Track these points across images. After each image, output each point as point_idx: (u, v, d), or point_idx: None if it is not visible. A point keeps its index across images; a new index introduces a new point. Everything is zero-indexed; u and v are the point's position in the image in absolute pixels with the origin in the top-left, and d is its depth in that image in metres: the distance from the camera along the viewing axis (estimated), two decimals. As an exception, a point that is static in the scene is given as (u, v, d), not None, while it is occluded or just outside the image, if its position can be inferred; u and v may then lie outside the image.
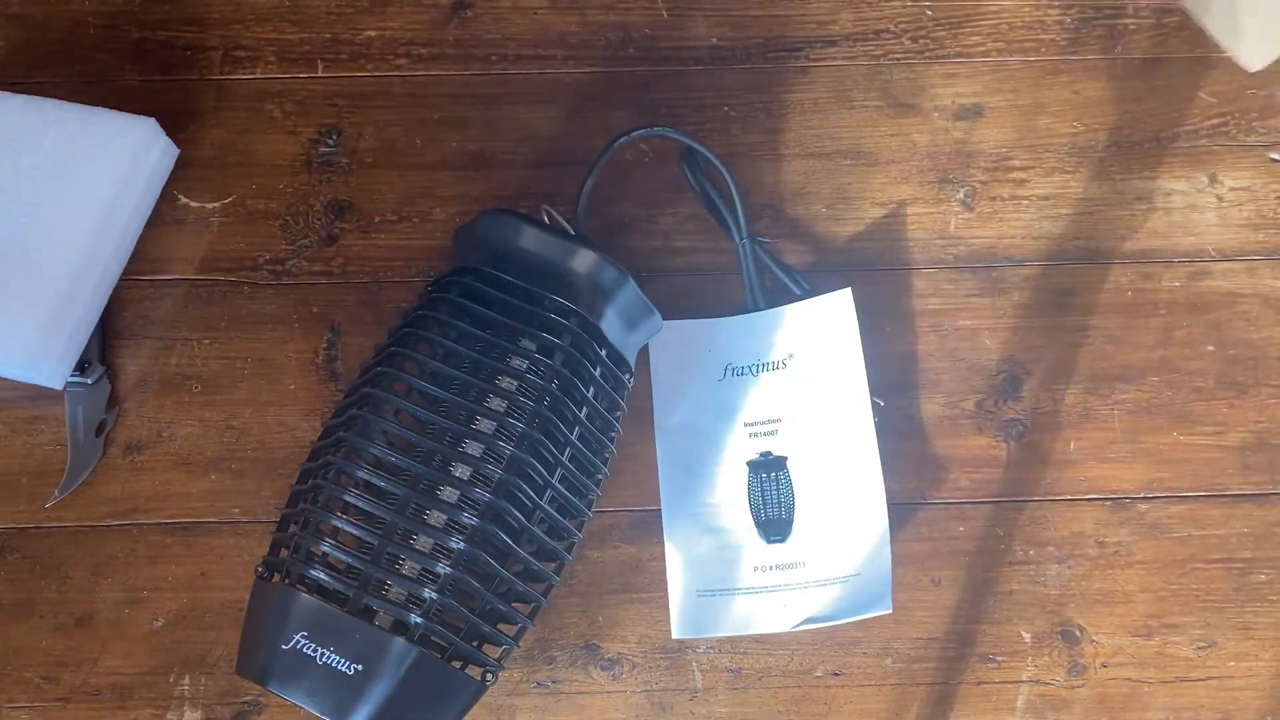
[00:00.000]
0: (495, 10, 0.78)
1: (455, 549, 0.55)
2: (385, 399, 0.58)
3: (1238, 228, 0.74)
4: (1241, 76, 0.77)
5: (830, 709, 0.65)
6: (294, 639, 0.54)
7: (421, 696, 0.55)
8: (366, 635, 0.54)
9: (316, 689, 0.54)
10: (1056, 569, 0.67)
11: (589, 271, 0.62)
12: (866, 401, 0.68)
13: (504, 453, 0.57)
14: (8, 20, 0.77)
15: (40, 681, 0.64)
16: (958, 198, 0.74)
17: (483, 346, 0.60)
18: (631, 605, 0.66)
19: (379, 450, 0.57)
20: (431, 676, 0.55)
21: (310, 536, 0.56)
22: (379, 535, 0.56)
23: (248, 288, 0.72)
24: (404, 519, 0.56)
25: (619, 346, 0.63)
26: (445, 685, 0.56)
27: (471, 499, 0.56)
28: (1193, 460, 0.69)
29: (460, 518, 0.56)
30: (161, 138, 0.72)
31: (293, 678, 0.54)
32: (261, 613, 0.57)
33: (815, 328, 0.70)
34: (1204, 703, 0.65)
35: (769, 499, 0.67)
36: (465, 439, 0.58)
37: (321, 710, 0.54)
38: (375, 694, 0.54)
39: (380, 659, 0.54)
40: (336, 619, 0.54)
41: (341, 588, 0.55)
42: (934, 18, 0.79)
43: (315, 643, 0.54)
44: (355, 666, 0.54)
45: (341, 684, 0.54)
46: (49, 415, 0.69)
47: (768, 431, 0.69)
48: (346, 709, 0.54)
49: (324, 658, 0.54)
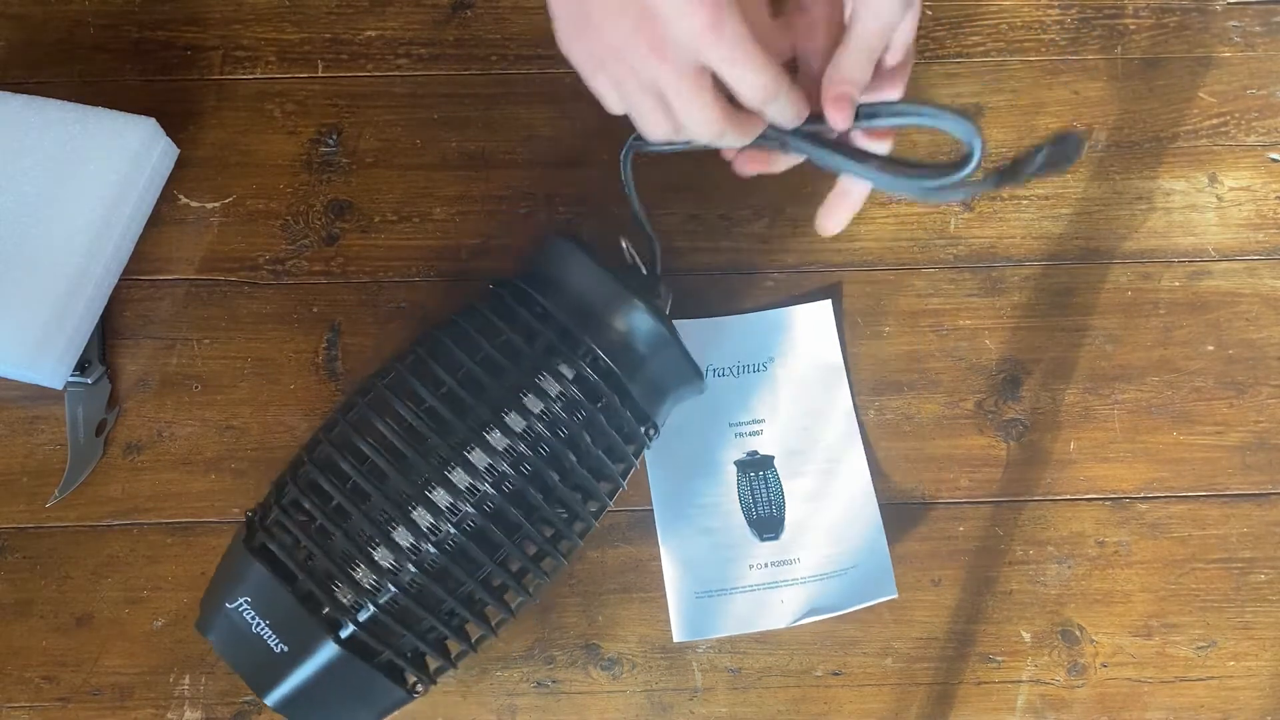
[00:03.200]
0: (495, 10, 0.78)
1: (409, 573, 0.55)
2: (390, 400, 0.58)
3: (1238, 228, 0.74)
4: (1242, 76, 0.77)
5: (830, 709, 0.65)
6: (239, 601, 0.55)
7: (342, 693, 0.56)
8: (302, 621, 0.54)
9: (243, 655, 0.55)
10: (1056, 569, 0.67)
11: (633, 328, 0.59)
12: (849, 402, 0.69)
13: (484, 492, 0.56)
14: (8, 20, 0.78)
15: (40, 681, 0.64)
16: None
17: (501, 374, 0.58)
18: (631, 605, 0.66)
19: (365, 446, 0.57)
20: (355, 677, 0.55)
21: (283, 512, 0.57)
22: (343, 533, 0.56)
23: (248, 287, 0.72)
24: (372, 526, 0.56)
25: (644, 405, 0.60)
26: (368, 688, 0.56)
27: (439, 529, 0.56)
28: (1193, 460, 0.69)
29: (423, 544, 0.56)
30: (161, 138, 0.72)
31: (226, 636, 0.55)
32: (225, 565, 0.58)
33: (794, 335, 0.71)
34: (1204, 703, 0.65)
35: (759, 497, 0.68)
36: (454, 464, 0.57)
37: (244, 676, 0.56)
38: (295, 678, 0.55)
39: (306, 649, 0.54)
40: (280, 597, 0.55)
41: (294, 570, 0.55)
42: (934, 18, 0.79)
43: (255, 612, 0.55)
44: (283, 647, 0.54)
45: (266, 659, 0.55)
46: (49, 415, 0.69)
47: (753, 431, 0.69)
48: (265, 684, 0.55)
49: (258, 627, 0.55)
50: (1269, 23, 0.79)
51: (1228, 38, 0.79)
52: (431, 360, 0.59)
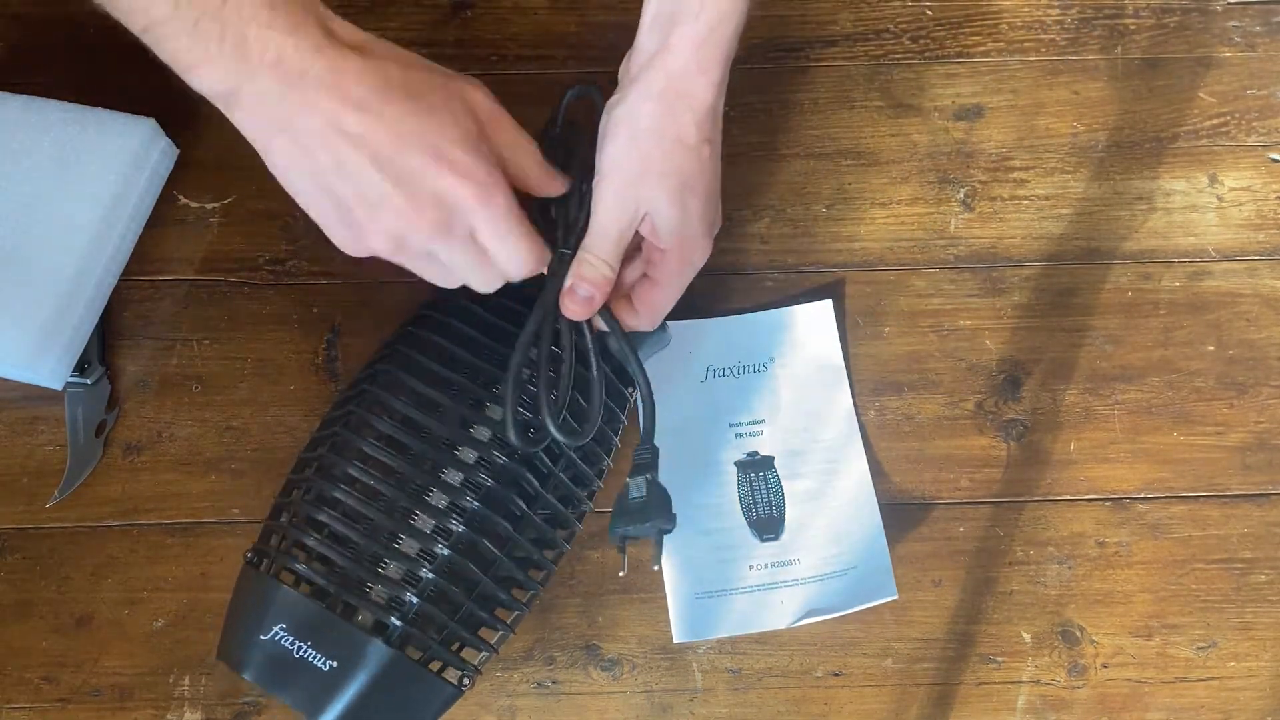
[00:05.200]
0: (495, 10, 0.78)
1: (440, 554, 0.55)
2: (383, 398, 0.58)
3: (1238, 228, 0.74)
4: (1242, 76, 0.77)
5: (830, 709, 0.65)
6: (273, 630, 0.54)
7: (395, 698, 0.55)
8: (344, 633, 0.54)
9: (291, 682, 0.54)
10: (1056, 569, 0.67)
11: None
12: (849, 403, 0.69)
13: (496, 461, 0.57)
14: (8, 20, 0.77)
15: (40, 682, 0.64)
16: (958, 198, 0.74)
17: (488, 354, 0.59)
18: (631, 605, 0.66)
19: (369, 447, 0.57)
20: (406, 679, 0.55)
21: (297, 529, 0.56)
22: (365, 535, 0.55)
23: (248, 288, 0.72)
24: (391, 520, 0.55)
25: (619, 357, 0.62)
26: (420, 688, 0.56)
27: (459, 505, 0.56)
28: (1193, 460, 0.69)
29: (447, 523, 0.56)
30: (161, 138, 0.72)
31: (268, 669, 0.54)
32: (245, 601, 0.57)
33: (794, 335, 0.71)
34: (1204, 703, 0.65)
35: (759, 498, 0.68)
36: (459, 444, 0.57)
37: (294, 703, 0.54)
38: (349, 692, 0.54)
39: (356, 658, 0.54)
40: (316, 614, 0.54)
41: (324, 583, 0.55)
42: (934, 18, 0.79)
43: (294, 636, 0.54)
44: (330, 663, 0.54)
45: (316, 679, 0.54)
46: (49, 415, 0.69)
47: (753, 432, 0.69)
48: (319, 705, 0.54)
49: (301, 651, 0.54)
50: (1269, 23, 0.79)
51: (1228, 38, 0.79)
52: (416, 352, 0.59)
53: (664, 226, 0.56)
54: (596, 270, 0.56)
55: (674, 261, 0.58)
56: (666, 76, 0.54)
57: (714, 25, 0.54)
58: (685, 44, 0.54)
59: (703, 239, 0.58)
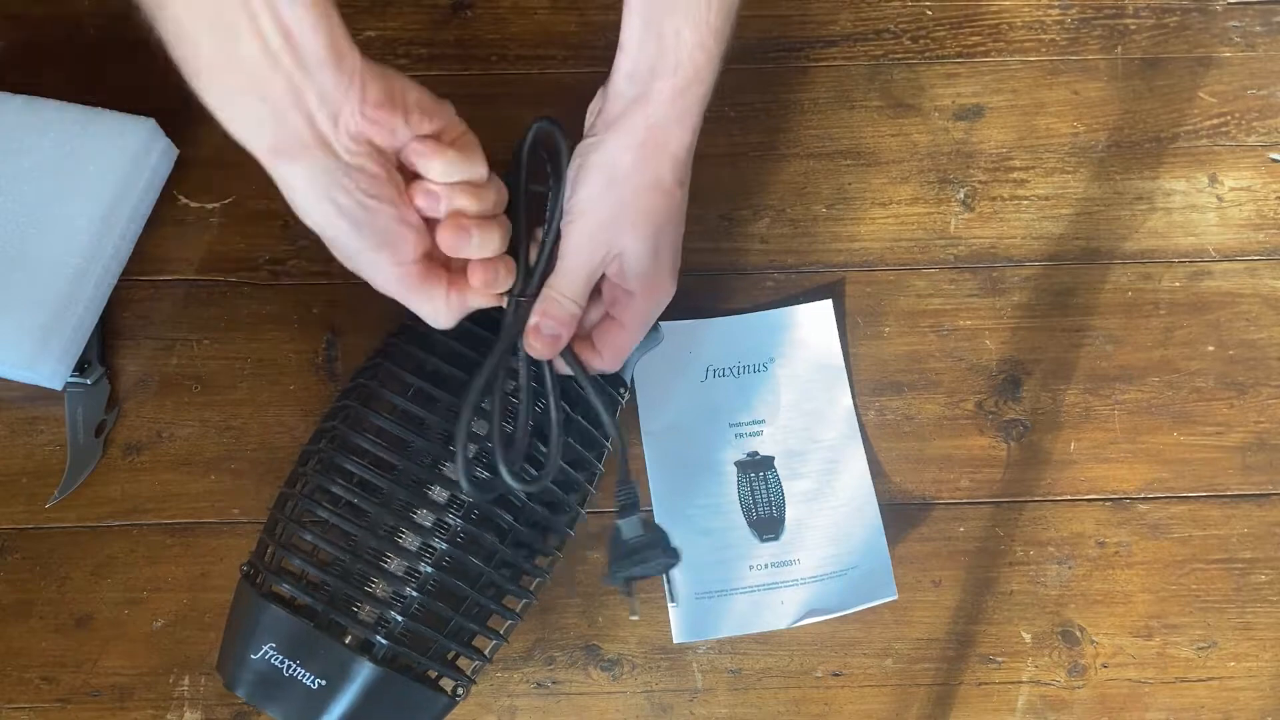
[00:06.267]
0: (495, 10, 0.78)
1: (425, 572, 0.55)
2: (366, 414, 0.58)
3: (1238, 228, 0.74)
4: (1242, 76, 0.77)
5: (830, 709, 0.65)
6: (263, 650, 0.54)
7: (386, 712, 0.55)
8: (332, 652, 0.54)
9: (282, 700, 0.54)
10: (1056, 569, 0.67)
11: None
12: (849, 403, 0.69)
13: (481, 476, 0.57)
14: (8, 20, 0.77)
15: (40, 682, 0.64)
16: (958, 198, 0.74)
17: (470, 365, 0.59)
18: (631, 606, 0.66)
19: (354, 465, 0.57)
20: (396, 694, 0.55)
21: (285, 548, 0.57)
22: (350, 554, 0.56)
23: (248, 288, 0.72)
24: (376, 538, 0.56)
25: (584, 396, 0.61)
26: (411, 701, 0.56)
27: (445, 522, 0.56)
28: (1193, 460, 0.69)
29: (432, 541, 0.56)
30: (161, 138, 0.72)
31: (259, 687, 0.55)
32: (237, 619, 0.57)
33: (794, 335, 0.71)
34: (1204, 703, 0.65)
35: (759, 498, 0.68)
36: (444, 461, 0.57)
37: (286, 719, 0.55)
38: (338, 709, 0.54)
39: (344, 676, 0.54)
40: (304, 634, 0.54)
41: (311, 603, 0.55)
42: (934, 18, 0.79)
43: (284, 655, 0.54)
44: (320, 681, 0.54)
45: (306, 697, 0.54)
46: (49, 415, 0.69)
47: (753, 432, 0.69)
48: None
49: (291, 670, 0.54)
50: (1269, 23, 0.79)
51: (1228, 38, 0.79)
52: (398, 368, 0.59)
53: (634, 268, 0.56)
54: (563, 309, 0.56)
55: (640, 303, 0.58)
56: (646, 127, 0.55)
57: (691, 80, 0.54)
58: (664, 95, 0.54)
59: (668, 280, 0.59)
